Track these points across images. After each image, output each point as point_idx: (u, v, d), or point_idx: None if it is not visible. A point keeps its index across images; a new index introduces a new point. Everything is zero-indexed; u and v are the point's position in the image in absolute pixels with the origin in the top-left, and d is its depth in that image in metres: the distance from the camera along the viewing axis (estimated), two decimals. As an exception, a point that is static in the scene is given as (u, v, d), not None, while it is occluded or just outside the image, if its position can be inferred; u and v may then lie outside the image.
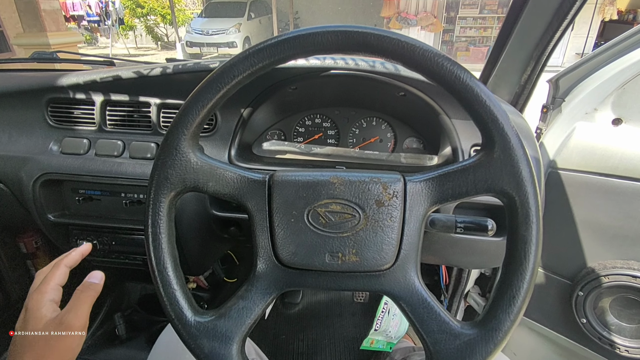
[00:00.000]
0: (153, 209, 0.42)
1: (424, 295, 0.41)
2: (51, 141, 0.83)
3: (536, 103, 1.00)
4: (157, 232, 0.42)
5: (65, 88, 0.82)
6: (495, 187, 0.39)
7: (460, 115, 0.72)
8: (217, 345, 0.41)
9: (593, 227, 0.91)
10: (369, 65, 0.71)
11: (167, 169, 0.42)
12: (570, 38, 7.54)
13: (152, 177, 0.42)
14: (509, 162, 0.38)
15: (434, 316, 0.40)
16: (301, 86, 0.76)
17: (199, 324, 0.41)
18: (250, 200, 0.42)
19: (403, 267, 0.41)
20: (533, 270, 0.38)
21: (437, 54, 0.38)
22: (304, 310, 1.45)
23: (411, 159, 0.83)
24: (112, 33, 10.46)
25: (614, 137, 0.86)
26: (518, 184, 0.38)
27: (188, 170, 0.42)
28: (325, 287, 0.43)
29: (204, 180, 0.42)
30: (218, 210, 0.76)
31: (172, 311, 0.41)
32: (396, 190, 0.41)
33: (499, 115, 0.38)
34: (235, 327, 0.41)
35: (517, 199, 0.38)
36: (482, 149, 0.40)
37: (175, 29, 10.05)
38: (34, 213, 0.83)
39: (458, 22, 9.53)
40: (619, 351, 0.90)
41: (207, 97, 0.41)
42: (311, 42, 0.39)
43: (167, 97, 0.80)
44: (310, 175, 0.42)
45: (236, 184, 0.42)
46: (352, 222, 0.40)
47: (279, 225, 0.41)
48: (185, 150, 0.41)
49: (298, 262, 0.41)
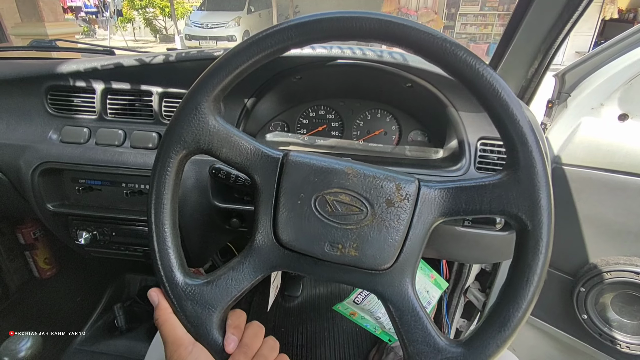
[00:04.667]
0: (161, 165, 0.41)
1: (415, 304, 0.40)
2: (51, 130, 0.81)
3: (541, 98, 0.99)
4: (162, 188, 0.41)
5: (65, 75, 0.80)
6: (511, 211, 0.38)
7: (467, 108, 0.71)
8: (200, 310, 0.41)
9: (596, 223, 0.91)
10: (376, 55, 0.70)
11: (184, 127, 0.40)
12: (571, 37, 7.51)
13: (167, 133, 0.41)
14: (529, 188, 0.37)
15: (421, 327, 0.39)
16: (306, 76, 0.75)
17: (187, 286, 0.41)
18: (261, 174, 0.41)
19: (400, 271, 0.40)
20: (531, 301, 0.37)
21: (472, 56, 0.36)
22: (304, 303, 1.44)
23: (416, 151, 0.82)
24: (110, 25, 10.37)
25: (620, 132, 0.86)
26: (534, 212, 0.37)
27: (204, 132, 0.40)
28: (318, 276, 0.42)
29: (219, 145, 0.41)
30: (220, 201, 0.75)
31: (162, 268, 0.41)
32: (409, 192, 0.39)
33: (529, 138, 0.36)
34: (220, 296, 0.41)
35: (530, 226, 0.37)
36: (504, 168, 0.39)
37: (174, 22, 9.96)
38: (32, 203, 0.81)
39: (459, 18, 9.50)
40: (619, 347, 0.90)
41: (239, 61, 0.39)
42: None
43: (169, 86, 0.78)
44: (325, 161, 0.40)
45: (249, 155, 0.41)
46: (359, 216, 0.39)
47: (284, 205, 0.40)
48: (205, 111, 0.40)
49: (296, 245, 0.40)
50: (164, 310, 0.42)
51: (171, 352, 0.40)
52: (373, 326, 1.12)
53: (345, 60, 0.71)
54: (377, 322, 1.13)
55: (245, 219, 0.78)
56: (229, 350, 0.40)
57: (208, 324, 0.41)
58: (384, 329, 1.12)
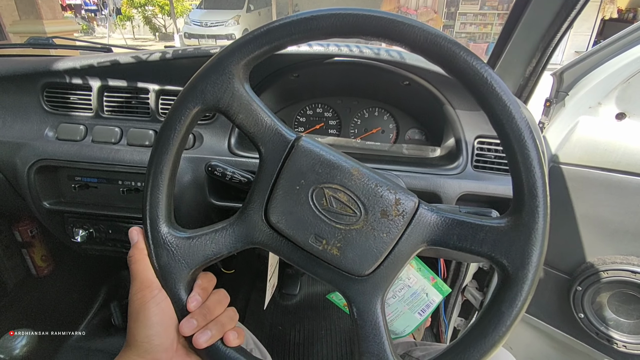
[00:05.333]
0: (176, 115, 0.40)
1: (379, 319, 0.40)
2: (47, 127, 0.81)
3: (539, 97, 0.99)
4: (171, 136, 0.40)
5: (61, 72, 0.80)
6: (500, 259, 0.37)
7: (464, 106, 0.71)
8: (173, 263, 0.41)
9: (593, 222, 0.91)
10: (373, 52, 0.69)
11: (208, 83, 0.40)
12: (570, 36, 7.53)
13: (188, 85, 0.40)
14: (525, 243, 0.36)
15: (379, 342, 0.39)
16: (303, 74, 0.75)
17: (168, 235, 0.41)
18: (269, 149, 0.41)
19: (374, 283, 0.40)
20: (495, 346, 0.36)
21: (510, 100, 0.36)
22: (301, 301, 1.44)
23: (413, 150, 0.82)
24: (109, 23, 10.34)
25: (617, 131, 0.86)
26: (522, 267, 0.36)
27: (227, 93, 0.40)
28: (295, 263, 0.42)
29: (237, 109, 0.40)
30: (217, 199, 0.75)
31: (149, 211, 0.41)
32: (406, 210, 0.39)
33: (540, 191, 0.36)
34: (196, 254, 0.41)
35: (514, 278, 0.37)
36: (507, 214, 0.38)
37: (173, 20, 9.94)
38: (28, 200, 0.81)
39: (458, 17, 9.48)
40: (616, 346, 0.91)
41: (277, 35, 0.38)
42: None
43: (166, 83, 0.78)
44: (334, 155, 0.40)
45: (264, 128, 0.41)
46: (351, 219, 0.39)
47: (282, 186, 0.40)
48: (233, 73, 0.40)
49: (282, 228, 0.40)
50: (140, 251, 0.42)
51: (136, 291, 0.41)
52: None
53: (342, 58, 0.71)
54: None
55: None
56: (190, 308, 0.41)
57: (177, 278, 0.41)
58: None
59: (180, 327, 0.40)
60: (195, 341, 0.40)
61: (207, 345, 0.40)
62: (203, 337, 0.40)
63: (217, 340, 0.41)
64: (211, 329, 0.41)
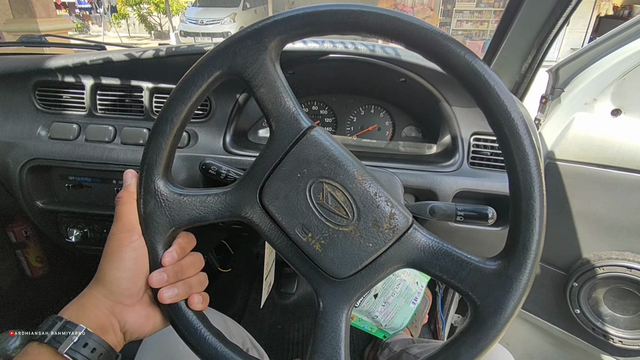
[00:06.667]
0: (199, 70, 0.40)
1: (342, 324, 0.40)
2: (39, 126, 0.80)
3: (534, 94, 0.99)
4: (191, 89, 0.40)
5: (53, 71, 0.79)
6: (474, 299, 0.37)
7: (460, 103, 0.71)
8: (159, 213, 0.41)
9: (589, 218, 0.91)
10: (368, 49, 0.69)
11: (241, 48, 0.39)
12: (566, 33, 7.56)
13: (218, 46, 0.40)
14: (505, 293, 0.36)
15: (334, 345, 0.39)
16: (298, 71, 0.74)
17: (160, 186, 0.41)
18: (281, 129, 0.40)
19: (346, 289, 0.40)
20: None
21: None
22: (300, 300, 1.44)
23: (410, 147, 0.82)
24: (104, 21, 10.27)
25: (613, 128, 0.86)
26: (494, 314, 0.36)
27: (256, 64, 0.39)
28: (276, 247, 0.42)
29: (261, 82, 0.39)
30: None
31: (147, 158, 0.41)
32: (398, 226, 0.38)
33: (534, 245, 0.36)
34: (182, 212, 0.41)
35: (484, 321, 0.37)
36: (496, 258, 0.38)
37: (169, 18, 9.88)
38: (21, 200, 0.80)
39: (455, 15, 9.49)
40: (612, 342, 0.91)
41: (317, 20, 0.38)
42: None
43: (159, 81, 0.77)
44: (343, 154, 0.39)
45: (281, 109, 0.40)
46: (342, 220, 0.39)
47: (283, 170, 0.40)
48: (269, 47, 0.39)
49: (272, 210, 0.40)
50: (130, 194, 0.42)
51: (116, 231, 0.41)
52: (370, 326, 1.13)
53: (337, 55, 0.70)
54: (373, 321, 1.13)
55: None
56: (164, 262, 0.41)
57: (158, 230, 0.41)
58: (380, 327, 1.13)
59: (150, 277, 0.41)
60: (160, 295, 0.40)
61: (171, 302, 0.41)
62: (168, 292, 0.41)
63: (181, 299, 0.42)
64: (178, 287, 0.41)
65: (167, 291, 0.40)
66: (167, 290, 0.41)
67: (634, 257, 0.86)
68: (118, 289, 0.40)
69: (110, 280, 0.40)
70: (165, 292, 0.40)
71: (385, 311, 1.15)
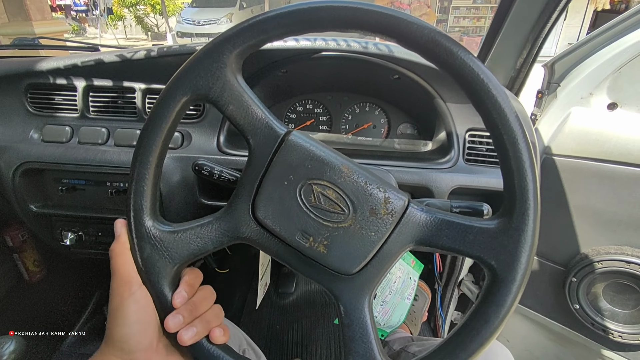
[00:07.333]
0: (164, 103, 0.39)
1: (367, 318, 0.39)
2: (31, 129, 0.79)
3: (530, 89, 0.98)
4: (159, 125, 0.39)
5: (44, 73, 0.78)
6: (489, 261, 0.37)
7: (455, 99, 0.70)
8: (156, 256, 0.40)
9: (587, 213, 0.91)
10: (361, 46, 0.68)
11: (200, 71, 0.38)
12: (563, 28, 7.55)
13: (177, 73, 0.39)
14: (515, 246, 0.36)
15: (366, 341, 0.38)
16: (291, 69, 0.74)
17: (151, 228, 0.40)
18: (258, 142, 0.40)
19: (361, 283, 0.39)
20: (482, 347, 0.36)
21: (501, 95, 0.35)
22: (298, 299, 1.44)
23: (405, 144, 0.81)
24: (101, 23, 10.23)
25: (609, 122, 0.85)
26: (511, 269, 0.36)
27: (219, 82, 0.39)
28: (281, 259, 0.41)
29: (228, 100, 0.39)
30: (207, 198, 0.74)
31: (133, 203, 0.40)
32: (395, 209, 0.38)
33: (531, 194, 0.36)
34: (181, 249, 0.40)
35: (502, 280, 0.36)
36: (497, 216, 0.38)
37: (165, 19, 9.85)
38: (14, 204, 0.80)
39: (452, 12, 9.48)
40: (612, 337, 0.91)
41: (268, 26, 0.38)
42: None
43: (152, 82, 0.77)
44: (324, 151, 0.39)
45: (254, 120, 0.39)
46: (339, 216, 0.38)
47: (270, 181, 0.39)
48: (227, 63, 0.38)
49: (269, 223, 0.39)
50: (122, 244, 0.41)
51: (115, 286, 0.40)
52: None
53: (330, 53, 0.70)
54: None
55: None
56: (175, 304, 0.40)
57: (161, 273, 0.40)
58: (378, 327, 1.13)
59: (165, 323, 0.39)
60: (180, 337, 0.39)
61: (193, 342, 0.40)
62: (188, 333, 0.39)
63: (202, 337, 0.41)
64: (197, 326, 0.40)
65: (186, 333, 0.39)
66: (186, 331, 0.39)
67: (633, 252, 0.86)
68: (129, 346, 0.38)
69: (118, 339, 0.38)
70: (184, 333, 0.39)
71: (383, 310, 1.15)
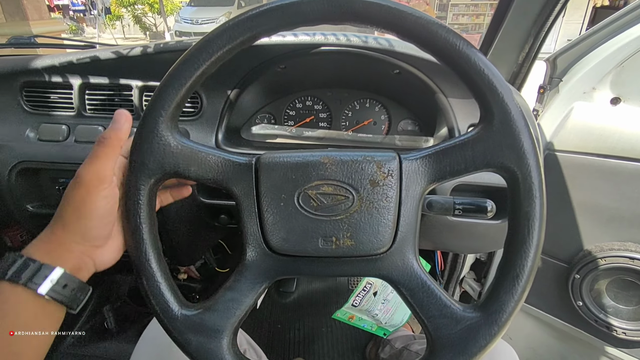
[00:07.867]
0: (132, 198, 0.39)
1: (424, 278, 0.38)
2: (27, 128, 0.78)
3: (533, 84, 0.97)
4: (138, 222, 0.39)
5: (40, 71, 0.77)
6: (495, 161, 0.36)
7: (457, 94, 0.69)
8: (204, 340, 0.38)
9: (590, 209, 0.90)
10: (361, 40, 0.67)
11: (144, 153, 0.38)
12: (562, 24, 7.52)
13: (130, 163, 0.39)
14: (509, 134, 0.36)
15: (435, 300, 0.37)
16: (290, 65, 0.72)
17: (186, 317, 0.39)
18: (237, 185, 0.39)
19: (401, 250, 0.39)
20: (537, 248, 0.36)
21: (431, 22, 0.35)
22: (300, 298, 1.43)
23: (406, 141, 0.80)
24: (99, 23, 10.21)
25: (612, 116, 0.84)
26: (519, 157, 0.36)
27: (167, 155, 0.38)
28: (319, 274, 0.40)
29: (185, 165, 0.39)
30: (206, 197, 0.73)
31: (156, 305, 0.39)
32: (391, 168, 0.38)
33: (498, 85, 0.35)
34: (223, 321, 0.39)
35: (519, 173, 0.36)
36: (480, 122, 0.38)
37: (163, 19, 9.84)
38: (10, 204, 0.78)
39: (450, 9, 9.46)
40: (615, 334, 0.90)
41: (185, 75, 0.37)
42: (294, 12, 0.36)
43: (149, 79, 0.76)
44: (299, 156, 0.39)
45: (220, 168, 0.39)
46: (346, 204, 0.38)
47: (267, 210, 0.39)
48: (164, 133, 0.38)
49: (289, 248, 0.38)
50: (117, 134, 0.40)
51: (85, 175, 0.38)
52: (370, 325, 1.12)
53: (329, 47, 0.69)
54: (373, 320, 1.13)
55: (234, 215, 0.76)
56: None
57: (218, 352, 0.38)
58: (380, 325, 1.12)
59: None
60: None
61: None
62: None
63: None
64: None
65: None
66: None
67: (636, 248, 0.85)
68: (89, 236, 0.39)
69: (79, 230, 0.39)
70: None
71: (385, 309, 1.14)
